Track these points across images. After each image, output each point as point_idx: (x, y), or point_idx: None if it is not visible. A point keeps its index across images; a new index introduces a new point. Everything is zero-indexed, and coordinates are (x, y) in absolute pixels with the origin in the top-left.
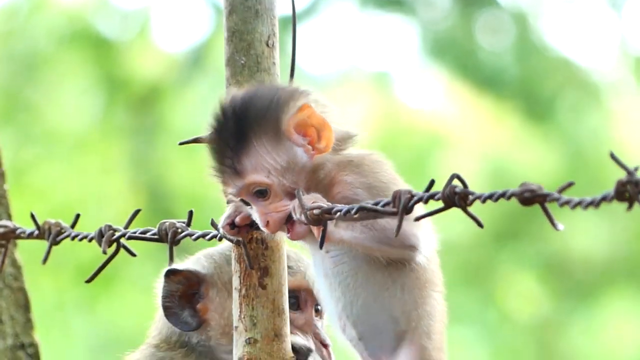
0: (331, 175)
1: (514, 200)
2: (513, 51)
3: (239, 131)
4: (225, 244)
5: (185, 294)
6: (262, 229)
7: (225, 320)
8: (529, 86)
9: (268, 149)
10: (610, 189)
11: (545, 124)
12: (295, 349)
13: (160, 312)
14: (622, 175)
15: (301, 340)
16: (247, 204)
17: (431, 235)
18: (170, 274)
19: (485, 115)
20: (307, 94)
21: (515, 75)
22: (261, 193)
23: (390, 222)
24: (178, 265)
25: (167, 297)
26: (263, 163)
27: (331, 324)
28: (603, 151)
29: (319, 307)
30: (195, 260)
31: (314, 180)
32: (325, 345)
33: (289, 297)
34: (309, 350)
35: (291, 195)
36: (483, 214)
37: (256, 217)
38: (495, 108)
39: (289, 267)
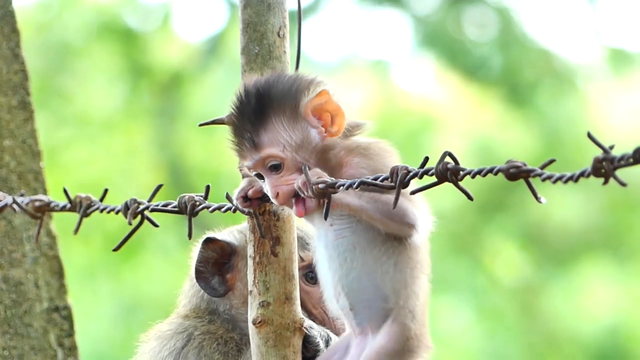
0: (339, 156)
1: (499, 175)
2: (497, 42)
3: (260, 108)
4: None
5: (217, 262)
6: (272, 200)
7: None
8: (511, 74)
9: (285, 126)
10: (587, 165)
11: (526, 107)
12: (308, 338)
13: (189, 283)
14: (595, 154)
15: (316, 332)
16: (261, 177)
17: (428, 218)
18: (209, 242)
19: (472, 100)
20: (326, 83)
21: (499, 64)
22: (275, 167)
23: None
24: (216, 234)
25: (202, 262)
26: (279, 138)
27: (326, 293)
28: (578, 132)
29: None
30: (229, 232)
31: (323, 159)
32: None
33: (307, 271)
34: (317, 350)
35: (301, 171)
36: (470, 188)
37: (267, 189)
38: (481, 93)
39: (306, 243)
